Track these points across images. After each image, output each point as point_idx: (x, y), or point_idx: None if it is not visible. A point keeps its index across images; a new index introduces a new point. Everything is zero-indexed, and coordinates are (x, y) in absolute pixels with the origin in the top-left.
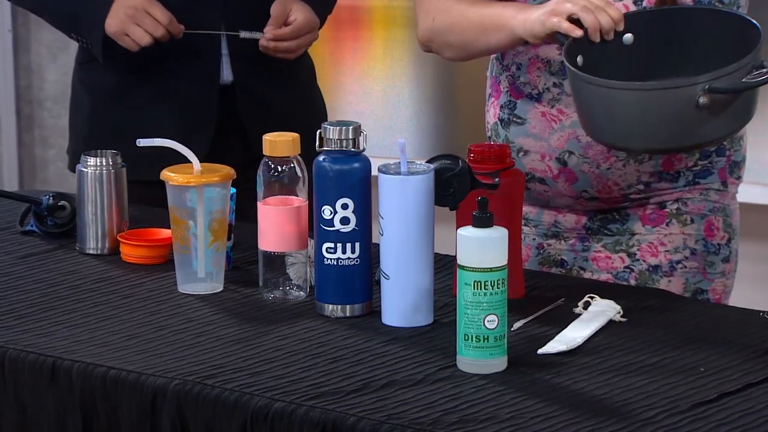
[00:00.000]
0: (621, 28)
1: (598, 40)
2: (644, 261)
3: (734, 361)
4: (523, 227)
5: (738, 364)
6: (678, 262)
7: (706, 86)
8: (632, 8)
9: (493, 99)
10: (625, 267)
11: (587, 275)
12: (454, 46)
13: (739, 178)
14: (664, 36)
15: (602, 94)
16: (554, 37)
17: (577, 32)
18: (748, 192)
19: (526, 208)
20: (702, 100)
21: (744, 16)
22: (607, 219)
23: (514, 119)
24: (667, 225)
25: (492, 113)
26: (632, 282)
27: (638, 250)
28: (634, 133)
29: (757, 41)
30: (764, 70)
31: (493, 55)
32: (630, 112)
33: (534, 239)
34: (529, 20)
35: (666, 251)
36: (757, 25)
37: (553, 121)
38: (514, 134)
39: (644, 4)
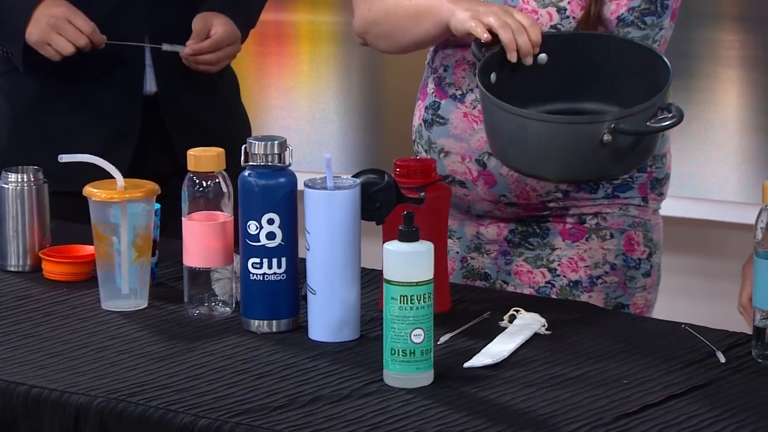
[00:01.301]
0: (537, 51)
1: (514, 60)
2: (565, 276)
3: (657, 372)
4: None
5: (661, 375)
6: (598, 277)
7: (612, 125)
8: (556, 17)
9: (419, 102)
10: (546, 282)
11: (510, 289)
12: (388, 35)
13: (661, 194)
14: (580, 59)
15: (509, 119)
16: (470, 44)
17: (486, 36)
18: (668, 205)
19: (449, 221)
20: (606, 138)
21: (658, 54)
22: (528, 232)
23: (437, 119)
24: (586, 240)
25: (417, 116)
26: (554, 297)
27: (558, 265)
28: (537, 160)
29: (665, 82)
30: (669, 114)
31: (427, 60)
32: (533, 140)
33: (458, 252)
34: (456, 11)
35: (586, 266)
36: (668, 64)
37: (474, 122)
38: (436, 135)
39: (568, 13)
